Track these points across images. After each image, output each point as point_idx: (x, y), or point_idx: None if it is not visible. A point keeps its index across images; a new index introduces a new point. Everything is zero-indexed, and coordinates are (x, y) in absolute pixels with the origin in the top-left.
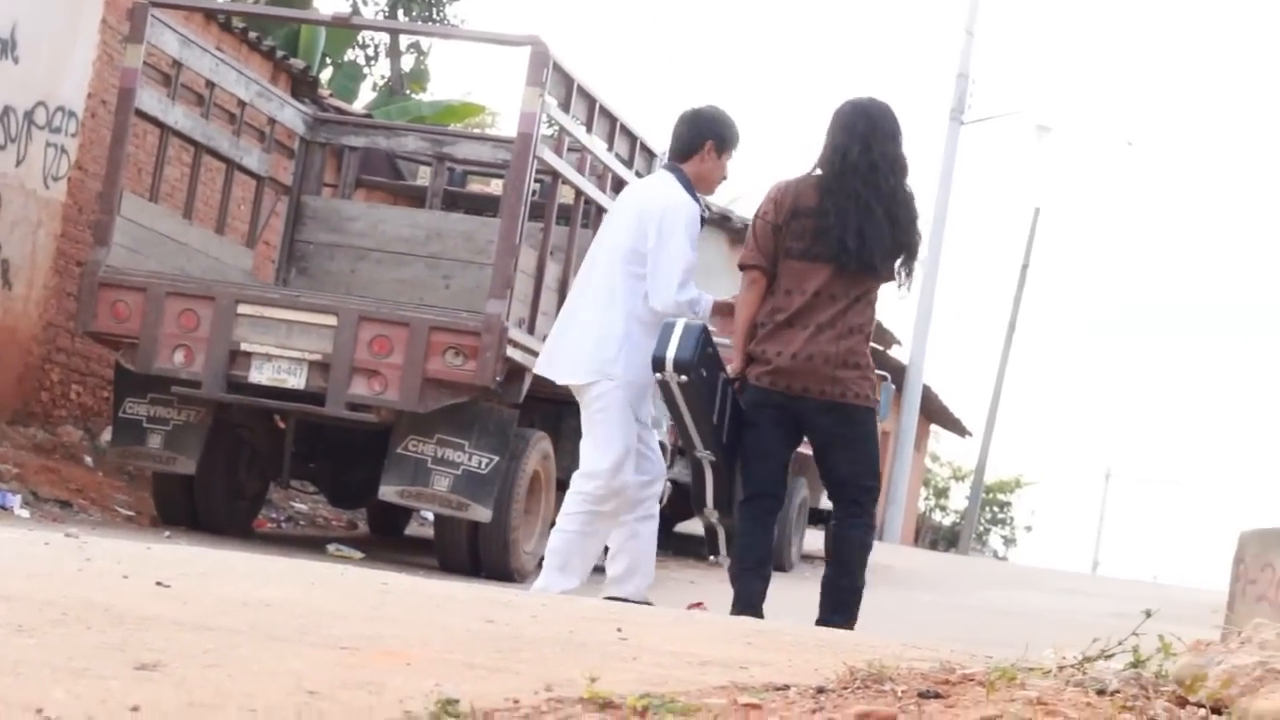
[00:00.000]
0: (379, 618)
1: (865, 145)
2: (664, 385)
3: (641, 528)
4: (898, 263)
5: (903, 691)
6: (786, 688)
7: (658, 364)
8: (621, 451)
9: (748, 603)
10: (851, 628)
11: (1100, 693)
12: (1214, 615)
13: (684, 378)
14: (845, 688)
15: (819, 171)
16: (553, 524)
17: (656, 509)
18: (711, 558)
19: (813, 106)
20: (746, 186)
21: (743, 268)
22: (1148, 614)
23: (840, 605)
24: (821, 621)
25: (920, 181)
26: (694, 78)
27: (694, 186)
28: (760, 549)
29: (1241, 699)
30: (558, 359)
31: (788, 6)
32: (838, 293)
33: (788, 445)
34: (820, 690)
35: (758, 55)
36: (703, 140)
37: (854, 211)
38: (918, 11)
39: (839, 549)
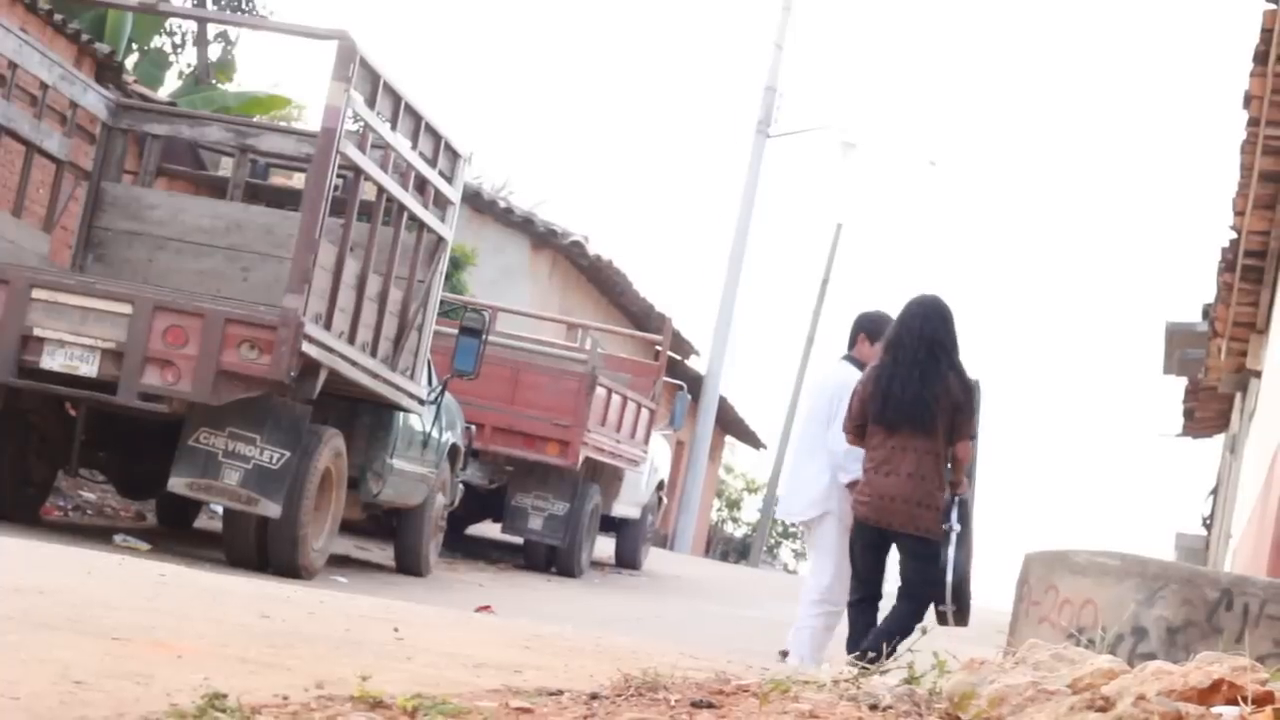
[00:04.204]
0: (154, 609)
1: (916, 334)
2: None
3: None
4: (956, 419)
5: (676, 700)
6: (560, 693)
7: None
8: (839, 563)
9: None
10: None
11: (873, 708)
12: (999, 635)
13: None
14: (619, 695)
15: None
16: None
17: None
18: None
19: (621, 114)
20: (550, 192)
21: (845, 432)
22: (924, 631)
23: (877, 635)
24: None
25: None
26: (501, 83)
27: (864, 366)
28: (866, 633)
29: (1010, 718)
30: (794, 503)
31: (597, 12)
32: (908, 446)
33: (881, 559)
34: (594, 696)
35: (565, 59)
36: (856, 333)
37: (899, 388)
38: (727, 24)
39: (896, 611)
